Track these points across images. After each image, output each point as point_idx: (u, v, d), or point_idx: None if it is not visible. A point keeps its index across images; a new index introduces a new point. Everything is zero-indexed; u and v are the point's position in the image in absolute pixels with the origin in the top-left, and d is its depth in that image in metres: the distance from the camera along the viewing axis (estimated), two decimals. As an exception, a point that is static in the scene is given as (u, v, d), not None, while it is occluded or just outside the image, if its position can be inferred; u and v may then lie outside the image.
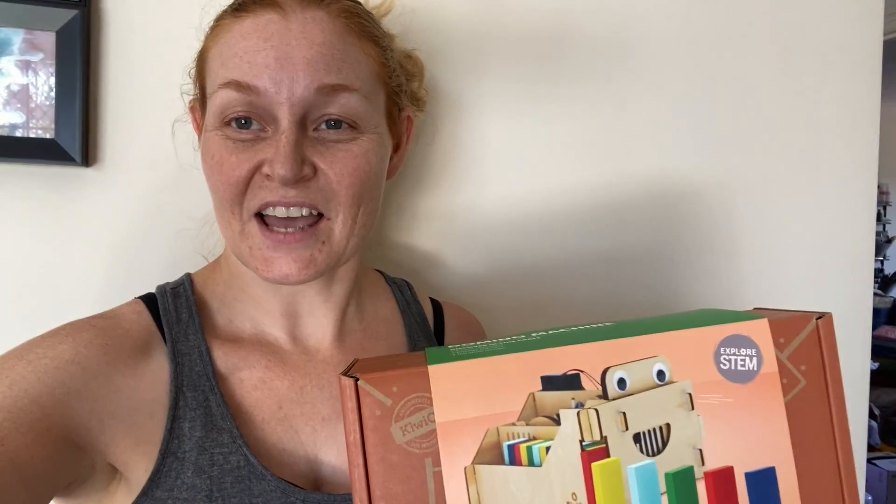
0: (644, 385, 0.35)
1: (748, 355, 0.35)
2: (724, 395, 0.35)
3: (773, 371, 0.35)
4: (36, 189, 0.68)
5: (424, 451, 0.34)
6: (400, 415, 0.34)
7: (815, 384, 0.35)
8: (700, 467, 0.34)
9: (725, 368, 0.35)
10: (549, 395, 0.34)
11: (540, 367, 0.34)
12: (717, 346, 0.35)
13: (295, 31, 0.48)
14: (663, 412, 0.35)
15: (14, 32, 0.64)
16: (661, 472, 0.34)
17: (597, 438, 0.34)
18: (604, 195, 0.81)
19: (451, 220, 0.78)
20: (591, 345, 0.35)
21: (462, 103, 0.77)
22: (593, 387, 0.34)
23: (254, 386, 0.53)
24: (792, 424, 0.35)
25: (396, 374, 0.34)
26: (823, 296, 0.86)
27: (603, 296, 0.81)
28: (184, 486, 0.47)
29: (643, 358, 0.35)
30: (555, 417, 0.34)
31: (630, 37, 0.81)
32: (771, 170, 0.85)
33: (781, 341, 0.35)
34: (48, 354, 0.45)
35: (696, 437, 0.34)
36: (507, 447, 0.34)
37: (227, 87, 0.48)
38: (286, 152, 0.46)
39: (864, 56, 0.86)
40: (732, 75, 0.83)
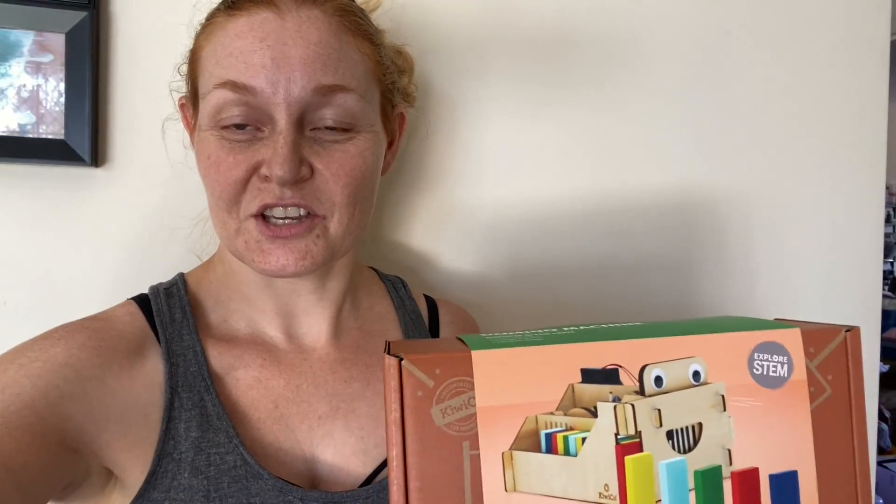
0: (680, 384, 0.36)
1: (780, 362, 0.36)
2: (754, 399, 0.36)
3: (802, 379, 0.36)
4: (46, 189, 0.67)
5: (462, 434, 0.34)
6: (441, 397, 0.34)
7: (840, 394, 0.37)
8: (728, 467, 0.35)
9: (758, 373, 0.36)
10: (588, 387, 0.35)
11: (580, 359, 0.35)
12: (751, 351, 0.36)
13: (291, 30, 0.47)
14: (697, 411, 0.36)
15: (24, 34, 0.64)
16: (691, 469, 0.35)
17: (632, 433, 0.35)
18: (607, 199, 0.81)
19: (446, 219, 0.78)
20: (631, 341, 0.36)
21: (458, 101, 0.77)
22: (631, 382, 0.35)
23: (249, 385, 0.52)
24: (816, 431, 0.36)
25: (441, 356, 0.35)
26: (832, 298, 0.87)
27: (602, 298, 0.81)
28: (180, 487, 0.47)
29: (680, 358, 0.36)
30: (592, 410, 0.35)
31: (635, 38, 0.81)
32: (778, 173, 0.85)
33: (811, 351, 0.37)
34: (41, 357, 0.44)
35: (727, 437, 0.35)
36: (545, 435, 0.34)
37: (222, 88, 0.47)
38: (284, 153, 0.46)
39: (872, 57, 0.86)
40: (737, 77, 0.83)
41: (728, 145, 0.84)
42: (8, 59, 0.64)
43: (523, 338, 0.38)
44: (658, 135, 0.82)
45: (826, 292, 0.87)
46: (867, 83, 0.87)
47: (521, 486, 0.34)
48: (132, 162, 0.69)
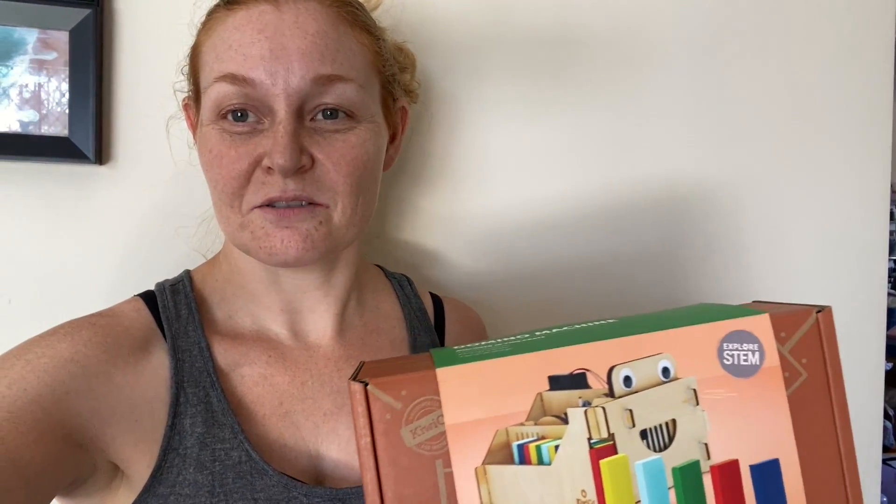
0: (649, 382, 0.35)
1: (750, 350, 0.36)
2: (727, 390, 0.35)
3: (775, 365, 0.36)
4: (50, 187, 0.68)
5: (435, 453, 0.34)
6: (409, 418, 0.34)
7: (817, 377, 0.36)
8: (706, 461, 0.35)
9: (729, 363, 0.35)
10: (557, 394, 0.35)
11: (546, 367, 0.35)
12: (720, 342, 0.36)
13: (288, 22, 0.48)
14: (669, 408, 0.35)
15: (28, 32, 0.65)
16: (669, 466, 0.35)
17: (604, 436, 0.35)
18: (611, 195, 0.81)
19: (452, 217, 0.78)
20: (597, 344, 0.35)
21: (462, 98, 0.77)
22: (600, 385, 0.35)
23: (255, 382, 0.53)
24: (794, 417, 0.35)
25: (405, 377, 0.35)
26: (837, 296, 0.86)
27: (606, 295, 0.81)
28: (186, 483, 0.47)
29: (648, 355, 0.35)
30: (563, 416, 0.35)
31: (636, 35, 0.80)
32: (783, 170, 0.85)
33: (783, 335, 0.36)
34: (47, 353, 0.45)
35: (702, 431, 0.35)
36: (517, 447, 0.34)
37: (222, 81, 0.48)
38: (285, 142, 0.47)
39: (876, 54, 0.86)
40: (740, 74, 0.83)
41: (732, 143, 0.84)
42: (12, 57, 0.65)
43: (492, 348, 0.37)
44: (660, 132, 0.82)
45: (830, 290, 0.87)
46: (871, 80, 0.86)
47: (497, 500, 0.34)
48: (136, 159, 0.70)
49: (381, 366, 0.38)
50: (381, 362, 0.40)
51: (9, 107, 0.65)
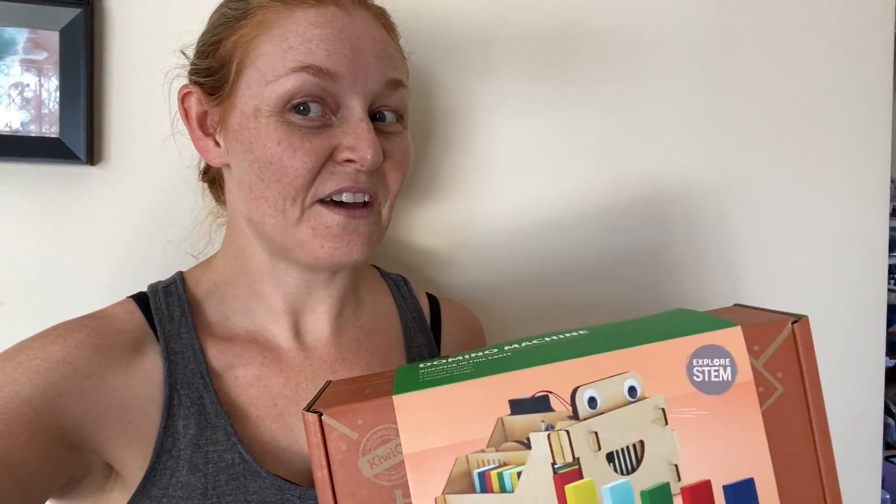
0: (615, 402, 0.34)
1: (721, 365, 0.34)
2: (698, 408, 0.34)
3: (748, 380, 0.34)
4: (41, 188, 0.67)
5: (394, 483, 0.33)
6: (367, 448, 0.33)
7: (793, 391, 0.34)
8: (676, 483, 0.33)
9: (699, 380, 0.34)
10: (519, 418, 0.33)
11: (507, 390, 0.34)
12: (689, 358, 0.34)
13: (359, 26, 0.50)
14: (636, 429, 0.34)
15: (18, 32, 0.64)
16: (637, 490, 0.33)
17: (569, 460, 0.33)
18: (608, 195, 0.79)
19: (448, 217, 0.76)
20: (560, 364, 0.34)
21: (461, 98, 0.76)
22: (563, 408, 0.34)
23: (249, 383, 0.52)
24: (770, 433, 0.34)
25: (361, 406, 0.34)
26: (836, 294, 0.84)
27: (605, 296, 0.79)
28: (178, 485, 0.47)
29: (613, 375, 0.34)
30: (525, 441, 0.33)
31: (634, 35, 0.78)
32: (782, 168, 0.82)
33: (756, 348, 0.34)
34: (39, 355, 0.45)
35: (672, 452, 0.34)
36: (478, 475, 0.33)
37: (303, 71, 0.47)
38: (372, 138, 0.48)
39: (875, 48, 0.83)
40: (739, 71, 0.81)
41: (730, 141, 0.81)
42: (2, 57, 0.64)
43: (455, 369, 0.36)
44: (662, 130, 0.80)
45: (829, 288, 0.84)
46: (871, 76, 0.84)
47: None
48: (128, 160, 0.69)
49: (341, 390, 0.37)
50: (345, 383, 0.39)
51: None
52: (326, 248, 0.49)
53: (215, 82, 0.51)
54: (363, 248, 0.50)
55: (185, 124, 0.54)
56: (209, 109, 0.52)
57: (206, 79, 0.52)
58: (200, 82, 0.53)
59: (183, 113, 0.54)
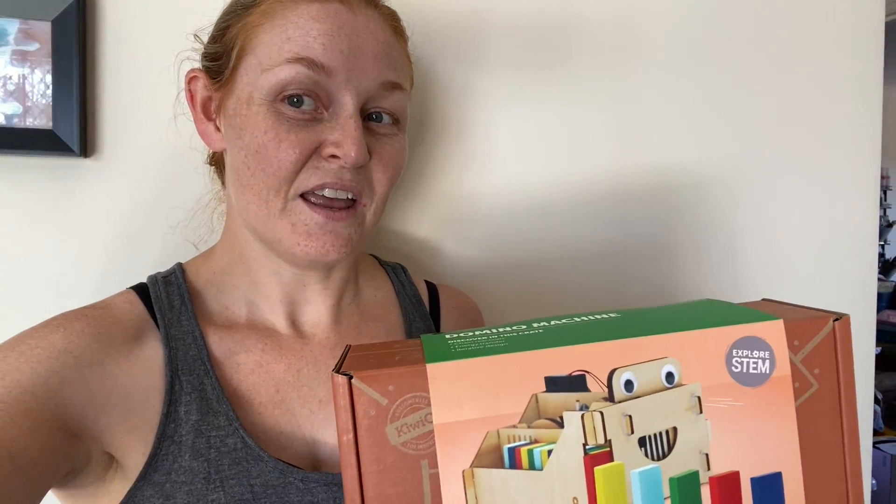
0: (652, 387, 0.33)
1: (761, 357, 0.33)
2: (733, 399, 0.33)
3: (785, 374, 0.33)
4: (34, 181, 0.66)
5: (420, 453, 0.32)
6: (396, 415, 0.32)
7: (828, 388, 0.34)
8: (705, 472, 0.33)
9: (737, 371, 0.33)
10: (553, 396, 0.33)
11: (544, 367, 0.33)
12: (729, 348, 0.33)
13: (362, 25, 0.49)
14: (671, 416, 0.33)
15: (9, 22, 0.63)
16: (666, 476, 0.33)
17: (601, 442, 0.33)
18: (605, 185, 0.78)
19: (446, 206, 0.76)
20: (598, 344, 0.33)
21: (461, 89, 0.75)
22: (599, 388, 0.33)
23: (250, 370, 0.53)
24: (801, 429, 0.34)
25: (393, 371, 0.33)
26: (827, 282, 0.85)
27: (602, 285, 0.79)
28: (181, 470, 0.47)
29: (652, 359, 0.33)
30: (558, 420, 0.33)
31: (633, 26, 0.78)
32: (773, 157, 0.83)
33: (796, 343, 0.34)
34: (40, 345, 0.45)
35: (703, 441, 0.33)
36: (508, 450, 0.32)
37: (297, 63, 0.47)
38: (358, 136, 0.48)
39: (866, 39, 0.84)
40: (733, 62, 0.81)
41: (721, 128, 0.81)
42: None
43: (487, 342, 0.35)
44: (656, 121, 0.79)
45: (820, 276, 0.85)
46: (862, 65, 0.84)
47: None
48: (122, 151, 0.68)
49: (367, 354, 0.36)
50: (368, 348, 0.38)
51: None
52: (303, 245, 0.49)
53: (218, 67, 0.52)
54: (341, 249, 0.50)
55: (190, 107, 0.55)
56: (212, 94, 0.53)
57: (212, 63, 0.53)
58: (207, 66, 0.53)
59: (188, 95, 0.55)
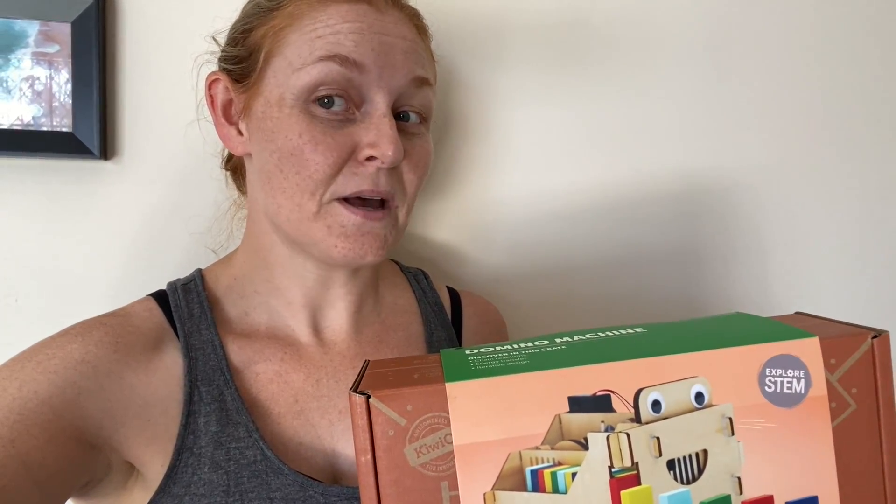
0: (680, 408, 0.32)
1: (796, 377, 0.32)
2: (767, 420, 0.32)
3: (822, 394, 0.32)
4: (54, 183, 0.66)
5: (441, 475, 0.31)
6: (415, 435, 0.32)
7: (866, 408, 0.32)
8: (738, 496, 0.32)
9: (770, 391, 0.32)
10: (577, 417, 0.32)
11: (567, 386, 0.32)
12: (762, 367, 0.32)
13: (390, 25, 0.49)
14: (701, 438, 0.32)
15: (29, 24, 0.63)
16: (696, 500, 0.32)
17: (627, 465, 0.31)
18: (628, 190, 0.77)
19: (468, 211, 0.75)
20: (623, 363, 0.32)
21: (478, 91, 0.73)
22: (625, 409, 0.32)
23: (269, 379, 0.52)
24: (838, 450, 0.32)
25: (411, 391, 0.32)
26: (862, 288, 0.82)
27: (627, 291, 0.77)
28: (200, 482, 0.47)
29: (681, 378, 0.32)
30: (582, 442, 0.32)
31: (657, 26, 0.76)
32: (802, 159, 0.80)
33: (832, 362, 0.32)
34: (58, 355, 0.45)
35: (735, 464, 0.32)
36: (531, 472, 0.31)
37: (330, 60, 0.47)
38: (394, 135, 0.47)
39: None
40: (762, 62, 0.78)
41: (749, 130, 0.78)
42: (13, 50, 0.63)
43: (508, 359, 0.34)
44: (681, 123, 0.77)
45: (855, 282, 0.82)
46: (892, 61, 0.80)
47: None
48: (142, 154, 0.67)
49: (385, 371, 0.35)
50: (386, 364, 0.37)
51: (11, 101, 0.63)
52: (340, 247, 0.49)
53: (243, 70, 0.51)
54: (378, 251, 0.49)
55: (210, 111, 0.54)
56: (235, 97, 0.52)
57: (235, 66, 0.52)
58: (229, 69, 0.52)
59: (209, 99, 0.54)
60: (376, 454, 0.32)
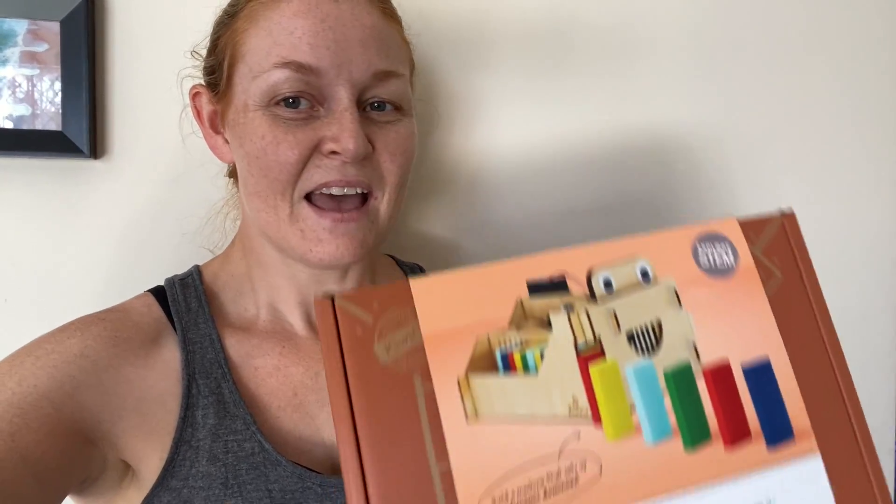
0: (630, 285, 0.34)
1: (724, 251, 0.35)
2: (708, 290, 0.34)
3: (749, 265, 0.35)
4: (44, 183, 0.65)
5: (412, 368, 0.31)
6: (383, 332, 0.32)
7: (792, 278, 0.36)
8: (697, 362, 0.33)
9: (705, 263, 0.35)
10: (538, 300, 0.33)
11: (524, 273, 0.33)
12: (693, 243, 0.35)
13: (346, 13, 0.48)
14: (653, 310, 0.34)
15: (17, 23, 0.63)
16: (660, 371, 0.33)
17: (590, 339, 0.33)
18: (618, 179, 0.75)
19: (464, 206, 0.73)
20: (573, 249, 0.34)
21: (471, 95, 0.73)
22: (580, 289, 0.33)
23: (268, 373, 0.52)
24: (778, 317, 0.35)
25: (376, 290, 0.32)
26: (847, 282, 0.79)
27: None
28: (199, 475, 0.46)
29: (624, 259, 0.34)
30: (545, 321, 0.33)
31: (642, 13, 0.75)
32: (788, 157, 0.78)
33: (751, 236, 0.36)
34: (57, 349, 0.45)
35: (689, 331, 0.34)
36: (501, 355, 0.32)
37: (284, 67, 0.46)
38: (354, 128, 0.46)
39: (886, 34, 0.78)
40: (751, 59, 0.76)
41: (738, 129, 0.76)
42: (1, 49, 0.62)
43: (465, 274, 0.36)
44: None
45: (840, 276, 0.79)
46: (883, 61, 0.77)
47: (482, 413, 0.31)
48: (132, 153, 0.66)
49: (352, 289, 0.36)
50: None
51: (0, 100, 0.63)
52: (315, 251, 0.48)
53: (215, 80, 0.52)
54: (355, 251, 0.48)
55: (198, 123, 0.55)
56: (216, 107, 0.53)
57: (210, 77, 0.53)
58: (207, 80, 0.54)
59: (195, 112, 0.55)
60: (345, 356, 0.31)
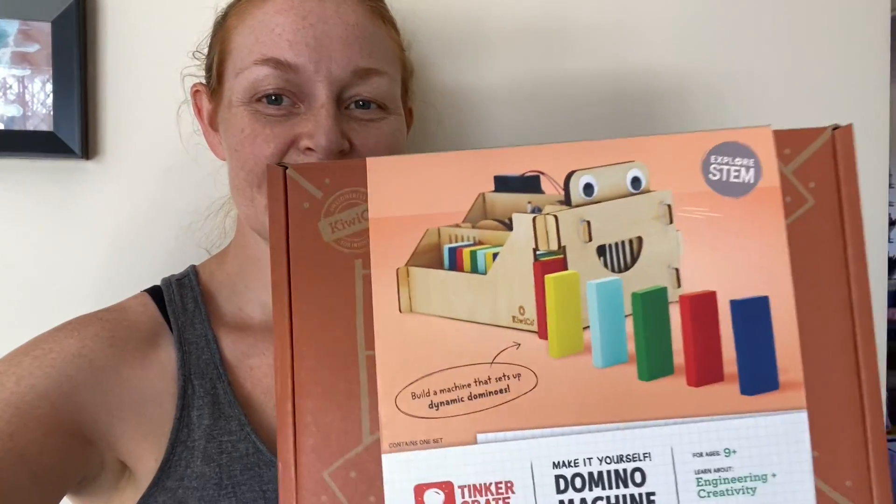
0: (615, 192, 0.30)
1: (744, 165, 0.29)
2: (710, 209, 0.29)
3: (773, 185, 0.29)
4: (36, 183, 0.65)
5: (354, 252, 0.30)
6: (331, 210, 0.30)
7: (827, 205, 0.29)
8: (675, 289, 0.29)
9: (715, 179, 0.29)
10: (503, 196, 0.30)
11: (494, 165, 0.30)
12: (706, 154, 0.29)
13: (329, 10, 0.48)
14: (636, 224, 0.29)
15: (8, 23, 0.62)
16: (628, 291, 0.29)
17: (553, 248, 0.29)
18: None
19: None
20: (556, 145, 0.30)
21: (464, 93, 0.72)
22: (554, 191, 0.30)
23: (264, 373, 0.52)
24: (794, 250, 0.29)
25: (331, 165, 0.31)
26: None
27: None
28: (193, 475, 0.47)
29: (616, 163, 0.30)
30: (507, 222, 0.29)
31: None
32: None
33: (787, 153, 0.29)
34: (54, 349, 0.45)
35: (673, 254, 0.29)
36: (448, 250, 0.29)
37: (264, 64, 0.47)
38: (328, 124, 0.46)
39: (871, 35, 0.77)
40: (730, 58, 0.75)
41: None
42: None
43: (442, 161, 0.33)
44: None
45: None
46: (866, 64, 0.78)
47: (417, 307, 0.29)
48: (124, 153, 0.67)
49: None
50: None
51: None
52: None
53: (209, 78, 0.52)
54: None
55: (199, 121, 0.55)
56: (211, 105, 0.53)
57: (207, 75, 0.53)
58: (205, 79, 0.54)
59: (196, 110, 0.55)
60: (289, 227, 0.30)
